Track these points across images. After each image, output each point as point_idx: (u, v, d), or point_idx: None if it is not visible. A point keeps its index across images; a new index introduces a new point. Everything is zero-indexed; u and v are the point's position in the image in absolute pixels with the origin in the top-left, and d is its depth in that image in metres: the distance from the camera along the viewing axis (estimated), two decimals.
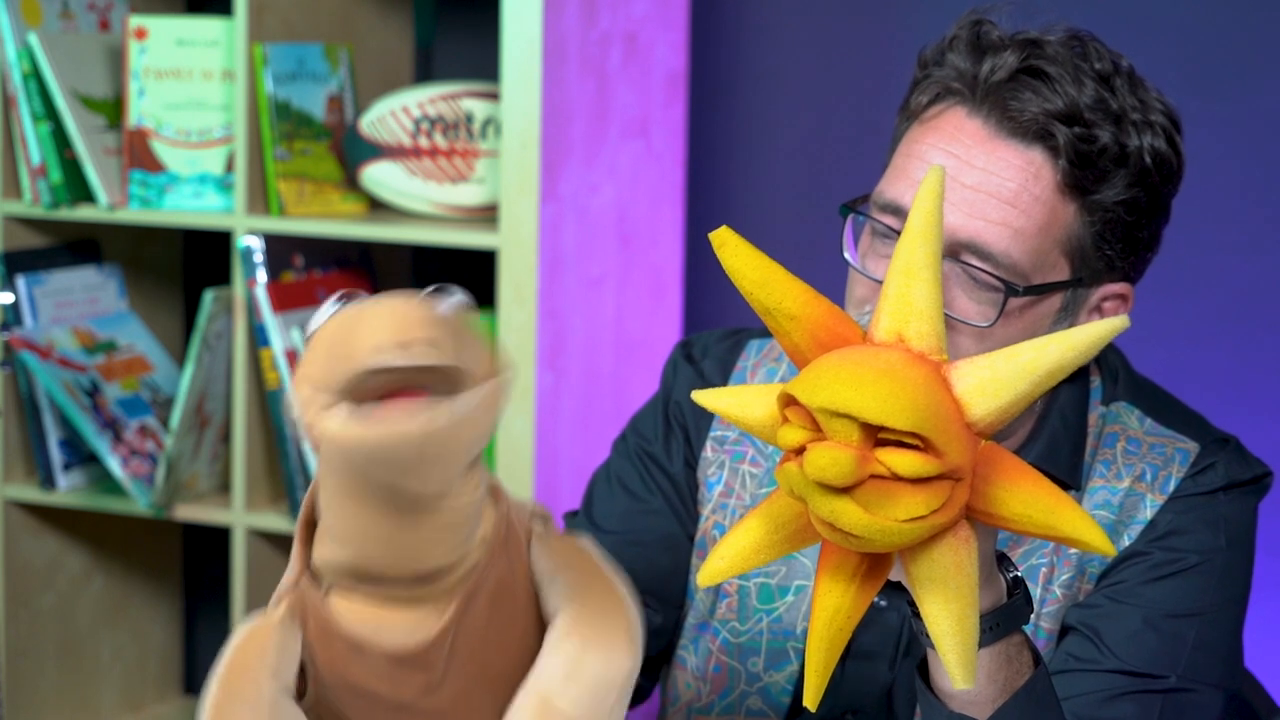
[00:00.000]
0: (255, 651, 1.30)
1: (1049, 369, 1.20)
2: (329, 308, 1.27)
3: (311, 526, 1.33)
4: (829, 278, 1.63)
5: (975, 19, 1.60)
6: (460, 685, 1.34)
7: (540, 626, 1.38)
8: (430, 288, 1.30)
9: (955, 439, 1.19)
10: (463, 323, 1.26)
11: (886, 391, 1.17)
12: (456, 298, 1.29)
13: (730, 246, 1.28)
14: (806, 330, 1.27)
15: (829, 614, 1.27)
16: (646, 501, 1.75)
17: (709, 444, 1.74)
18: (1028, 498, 1.21)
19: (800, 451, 1.20)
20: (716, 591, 1.70)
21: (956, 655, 1.23)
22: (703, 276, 2.83)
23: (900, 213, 1.56)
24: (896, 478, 1.18)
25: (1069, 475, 1.62)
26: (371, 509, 1.27)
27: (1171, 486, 1.62)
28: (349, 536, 1.30)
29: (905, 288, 1.24)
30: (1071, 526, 1.20)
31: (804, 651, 1.66)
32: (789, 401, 1.22)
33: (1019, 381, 1.20)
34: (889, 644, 1.65)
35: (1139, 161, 1.56)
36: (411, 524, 1.28)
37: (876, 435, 1.18)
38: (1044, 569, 1.61)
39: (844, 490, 1.18)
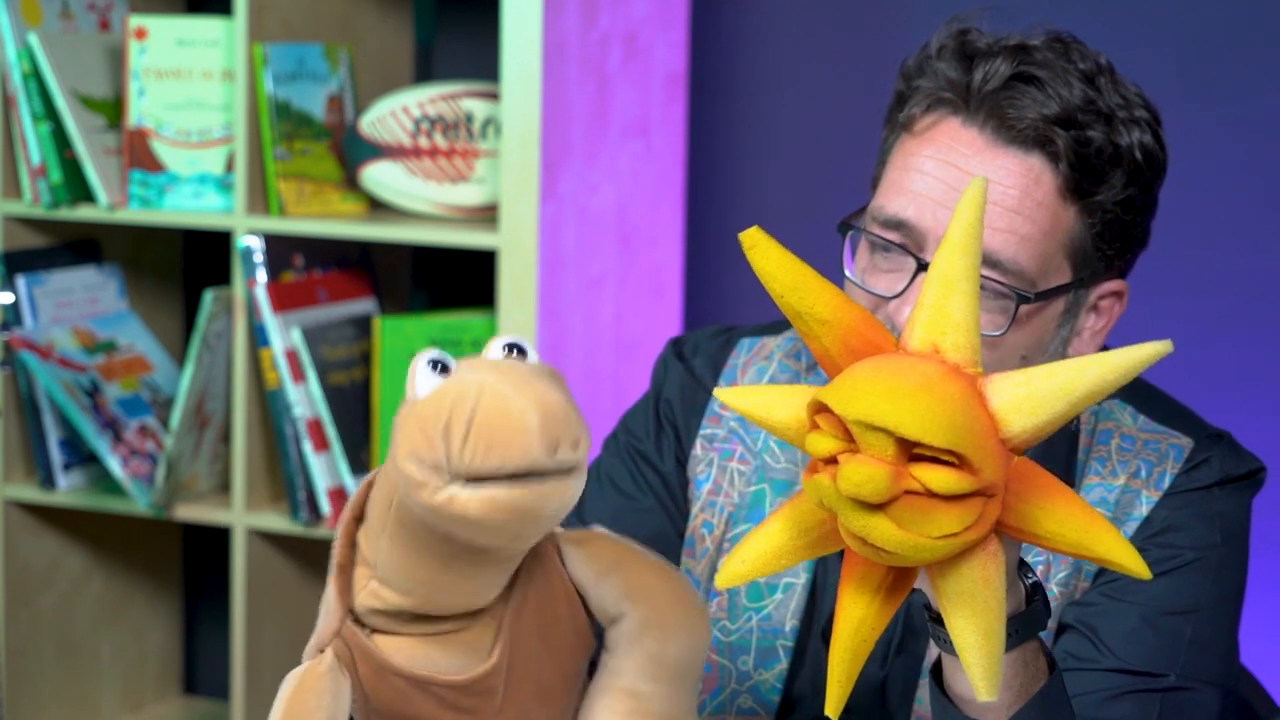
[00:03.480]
0: (311, 698, 1.32)
1: (1087, 390, 1.19)
2: (427, 375, 1.28)
3: (345, 572, 1.35)
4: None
5: (959, 27, 1.59)
6: (520, 700, 1.36)
7: (581, 630, 1.39)
8: (502, 342, 1.31)
9: (990, 456, 1.18)
10: (570, 398, 1.30)
11: (924, 407, 1.16)
12: (532, 355, 1.32)
13: (761, 248, 1.26)
14: (838, 336, 1.25)
15: (854, 625, 1.25)
16: (637, 500, 1.75)
17: (698, 442, 1.74)
18: (1062, 516, 1.20)
19: (829, 461, 1.19)
20: (707, 590, 1.71)
21: (982, 668, 1.22)
22: (703, 276, 2.83)
23: (903, 226, 1.56)
24: (931, 494, 1.16)
25: (1063, 472, 1.63)
26: (447, 564, 1.30)
27: (1166, 483, 1.62)
28: (414, 587, 1.33)
29: (943, 299, 1.22)
30: (1106, 547, 1.19)
31: (792, 650, 1.67)
32: (819, 408, 1.20)
33: (1056, 401, 1.19)
34: (881, 642, 1.65)
35: (1131, 159, 1.57)
36: (480, 572, 1.31)
37: (912, 450, 1.16)
38: (1041, 565, 1.61)
39: (878, 506, 1.16)
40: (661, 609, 1.40)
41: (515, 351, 1.32)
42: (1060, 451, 1.63)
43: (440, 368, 1.28)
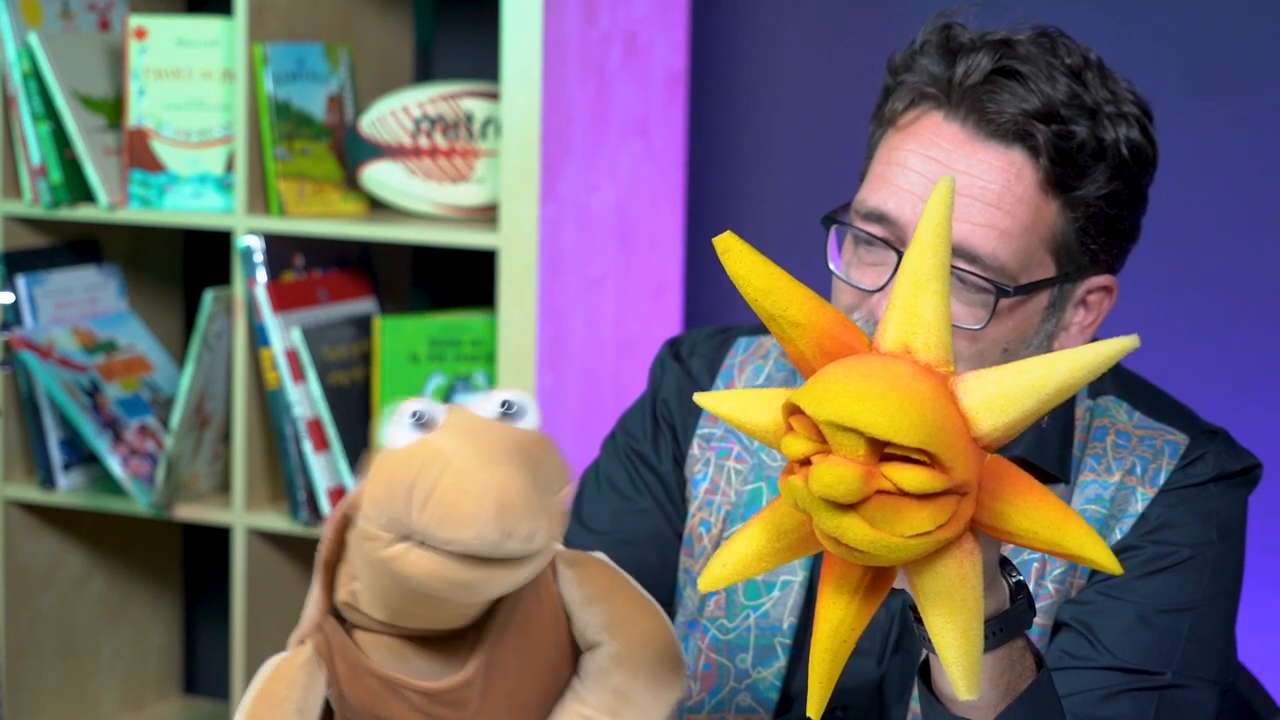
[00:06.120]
0: (282, 688, 1.33)
1: (1057, 387, 1.19)
2: (405, 429, 1.28)
3: (330, 568, 1.35)
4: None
5: (944, 22, 1.60)
6: (493, 714, 1.36)
7: (565, 650, 1.39)
8: (500, 398, 1.31)
9: (962, 454, 1.18)
10: (547, 481, 1.30)
11: (894, 407, 1.16)
12: (530, 417, 1.32)
13: (734, 252, 1.26)
14: (812, 338, 1.25)
15: (832, 626, 1.25)
16: (635, 501, 1.75)
17: (695, 441, 1.75)
18: (1034, 513, 1.20)
19: (805, 462, 1.19)
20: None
21: (961, 667, 1.22)
22: (703, 276, 2.83)
23: (884, 220, 1.57)
24: (903, 493, 1.16)
25: (1058, 468, 1.63)
26: (412, 596, 1.31)
27: (1162, 479, 1.63)
28: (386, 607, 1.33)
29: (913, 299, 1.23)
30: (1078, 544, 1.20)
31: (790, 647, 1.67)
32: (794, 410, 1.20)
33: (1027, 398, 1.19)
34: (877, 640, 1.66)
35: (1116, 154, 1.57)
36: (447, 606, 1.32)
37: (883, 449, 1.16)
38: (1036, 564, 1.62)
39: (850, 506, 1.17)
40: (636, 649, 1.39)
41: (510, 410, 1.32)
42: (1054, 448, 1.63)
43: (421, 420, 1.29)
